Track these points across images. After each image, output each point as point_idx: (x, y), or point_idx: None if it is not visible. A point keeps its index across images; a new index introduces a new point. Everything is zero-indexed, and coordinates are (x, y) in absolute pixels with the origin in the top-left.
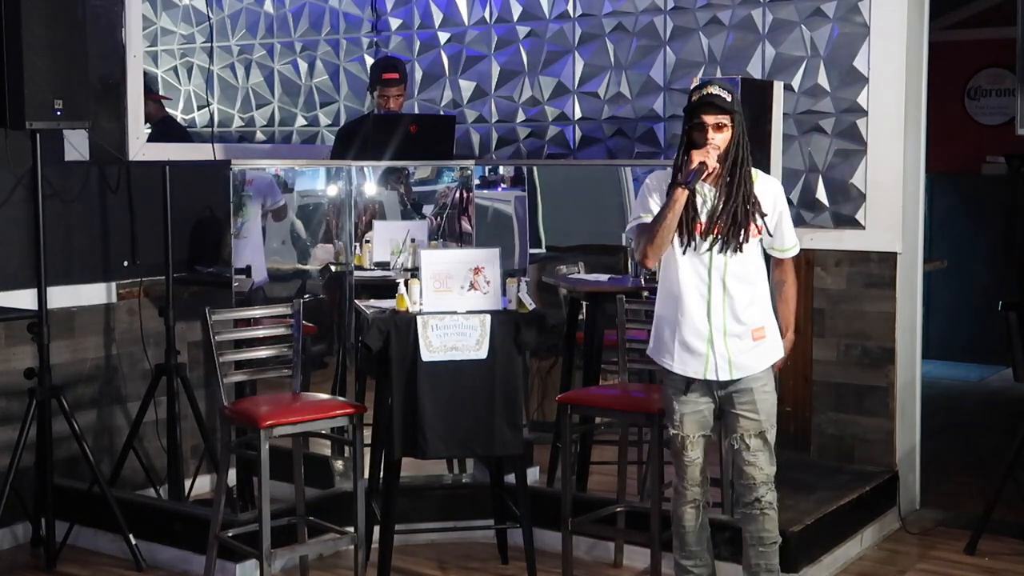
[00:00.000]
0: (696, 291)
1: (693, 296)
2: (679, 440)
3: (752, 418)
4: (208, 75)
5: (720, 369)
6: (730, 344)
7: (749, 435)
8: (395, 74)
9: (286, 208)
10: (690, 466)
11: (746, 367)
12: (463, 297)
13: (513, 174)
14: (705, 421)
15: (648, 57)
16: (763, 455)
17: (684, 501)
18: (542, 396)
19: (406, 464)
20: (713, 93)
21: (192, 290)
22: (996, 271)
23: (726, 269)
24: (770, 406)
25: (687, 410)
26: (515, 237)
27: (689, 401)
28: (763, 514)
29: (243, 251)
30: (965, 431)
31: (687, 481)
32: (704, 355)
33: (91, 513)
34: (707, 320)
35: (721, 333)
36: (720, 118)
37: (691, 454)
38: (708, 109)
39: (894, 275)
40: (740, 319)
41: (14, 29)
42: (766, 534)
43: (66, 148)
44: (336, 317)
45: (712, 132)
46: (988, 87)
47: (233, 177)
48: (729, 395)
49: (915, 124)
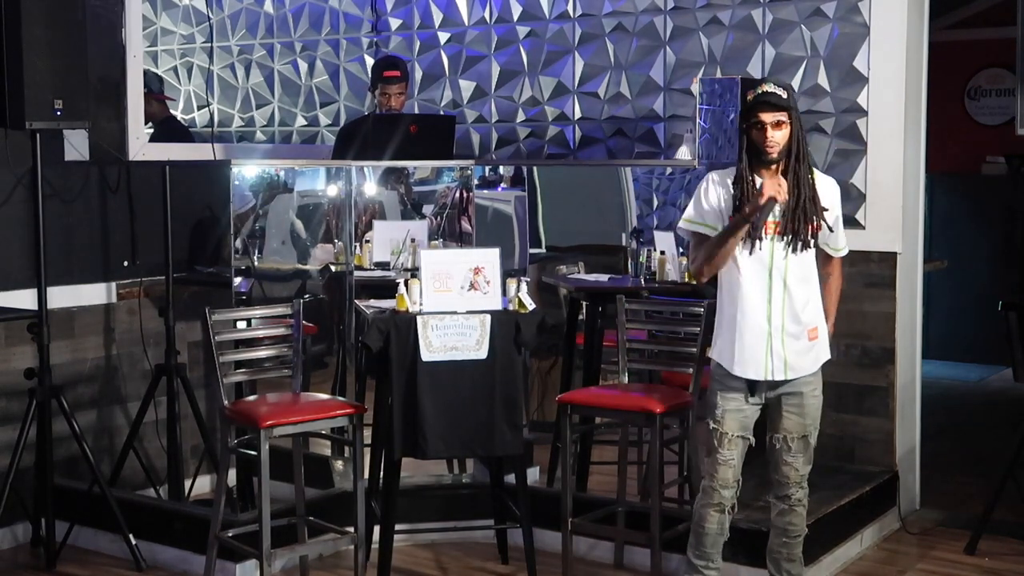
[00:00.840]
0: (758, 291)
1: (754, 296)
2: (717, 436)
3: (798, 421)
4: (208, 75)
5: (776, 370)
6: (787, 345)
7: (792, 437)
8: (396, 71)
9: None
10: (723, 465)
11: (801, 368)
12: (463, 297)
13: (513, 174)
14: (747, 422)
15: (648, 57)
16: (802, 457)
17: (710, 503)
18: (542, 396)
19: (406, 464)
20: (768, 91)
21: (192, 290)
22: (996, 271)
23: (787, 268)
24: (816, 410)
25: (730, 407)
26: (515, 237)
27: (736, 399)
28: (792, 510)
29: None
30: (965, 431)
31: (717, 481)
32: (763, 356)
33: (91, 513)
34: (767, 321)
35: (780, 333)
36: (778, 115)
37: (726, 452)
38: (765, 107)
39: (894, 275)
40: (799, 319)
41: (14, 29)
42: (792, 527)
43: (66, 148)
44: (336, 317)
45: (771, 130)
46: (988, 87)
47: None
48: (779, 396)
49: (915, 124)
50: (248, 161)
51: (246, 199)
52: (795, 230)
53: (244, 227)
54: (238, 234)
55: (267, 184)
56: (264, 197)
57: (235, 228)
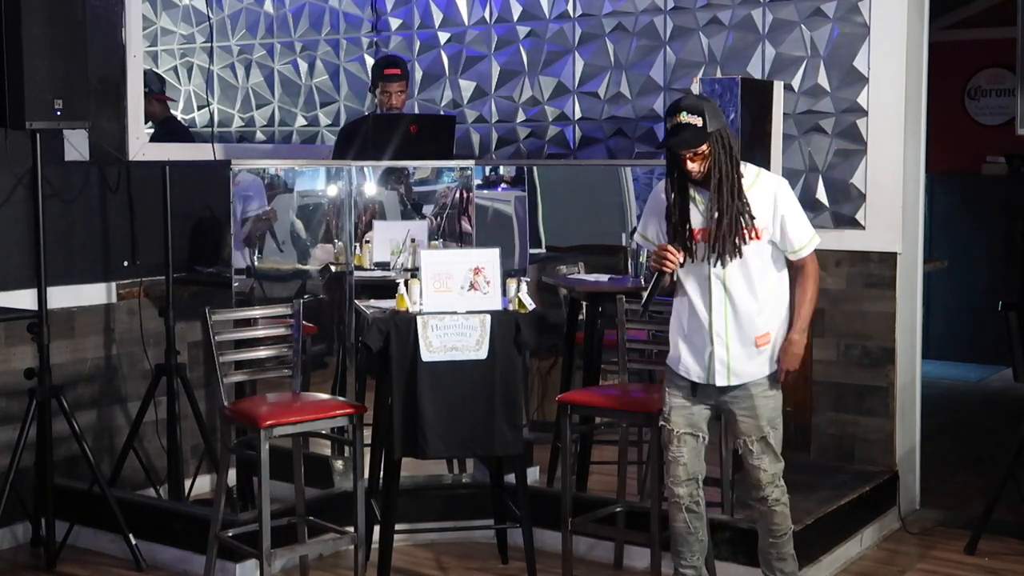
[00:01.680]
0: (698, 298)
1: (696, 301)
2: (666, 433)
3: (753, 423)
4: (208, 75)
5: (718, 374)
6: (732, 351)
7: (751, 439)
8: (396, 69)
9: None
10: (673, 463)
11: (746, 374)
12: (463, 297)
13: (514, 174)
14: (693, 420)
15: (648, 57)
16: (766, 457)
17: (670, 502)
18: (542, 396)
19: (406, 464)
20: (681, 123)
21: (192, 290)
22: (996, 271)
23: (726, 276)
24: (771, 410)
25: (676, 403)
26: (515, 237)
27: (680, 396)
28: (772, 510)
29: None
30: (965, 431)
31: (671, 478)
32: (705, 360)
33: (91, 513)
34: (709, 326)
35: (722, 340)
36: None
37: (675, 450)
38: (678, 147)
39: (894, 275)
40: (742, 325)
41: (14, 29)
42: (775, 527)
43: (66, 148)
44: (336, 317)
45: (689, 162)
46: (988, 87)
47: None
48: (730, 400)
49: (915, 124)
50: (248, 161)
51: (253, 200)
52: (722, 248)
53: (246, 227)
54: (251, 233)
55: (267, 184)
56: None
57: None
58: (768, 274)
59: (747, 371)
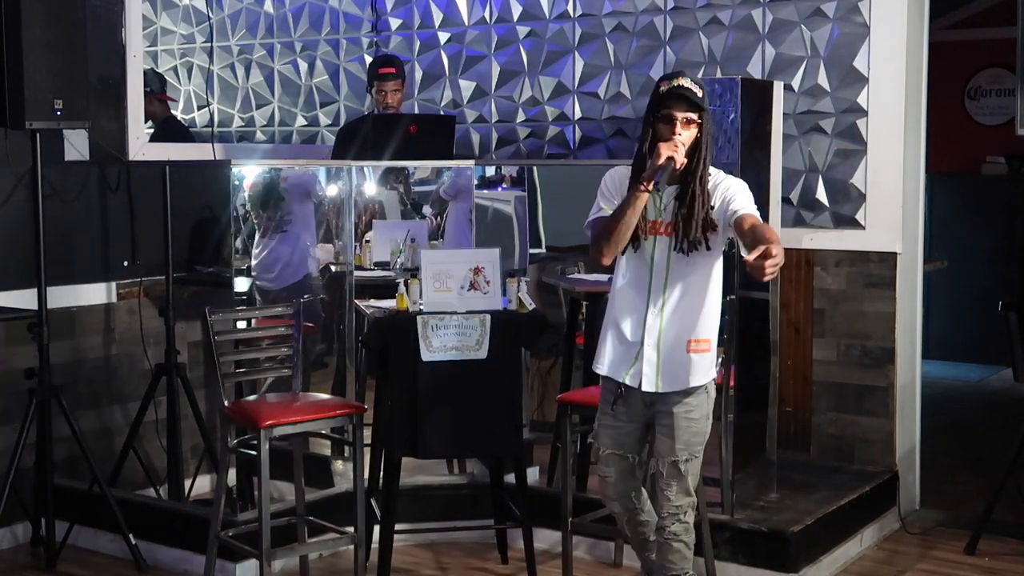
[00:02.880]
0: (635, 291)
1: (631, 296)
2: (597, 453)
3: (668, 444)
4: (208, 75)
5: (646, 377)
6: (662, 351)
7: (663, 462)
8: (391, 68)
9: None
10: (603, 481)
11: (676, 381)
12: (463, 297)
13: (516, 174)
14: (622, 440)
15: (648, 57)
16: (675, 485)
17: (621, 522)
18: (542, 396)
19: (406, 464)
20: (684, 85)
21: (192, 290)
22: (996, 271)
23: (669, 271)
24: (692, 435)
25: (606, 422)
26: (515, 237)
27: (611, 415)
28: (668, 544)
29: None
30: (965, 431)
31: (604, 496)
32: (632, 359)
33: (91, 513)
34: (642, 323)
35: (654, 338)
36: (689, 113)
37: (603, 469)
38: (678, 102)
39: (894, 275)
40: (678, 325)
41: (14, 29)
42: (669, 565)
43: (66, 148)
44: (336, 317)
45: (680, 127)
46: (988, 87)
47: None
48: (655, 414)
49: (915, 124)
50: (248, 161)
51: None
52: (679, 236)
53: (244, 227)
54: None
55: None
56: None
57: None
58: (708, 280)
59: (679, 378)
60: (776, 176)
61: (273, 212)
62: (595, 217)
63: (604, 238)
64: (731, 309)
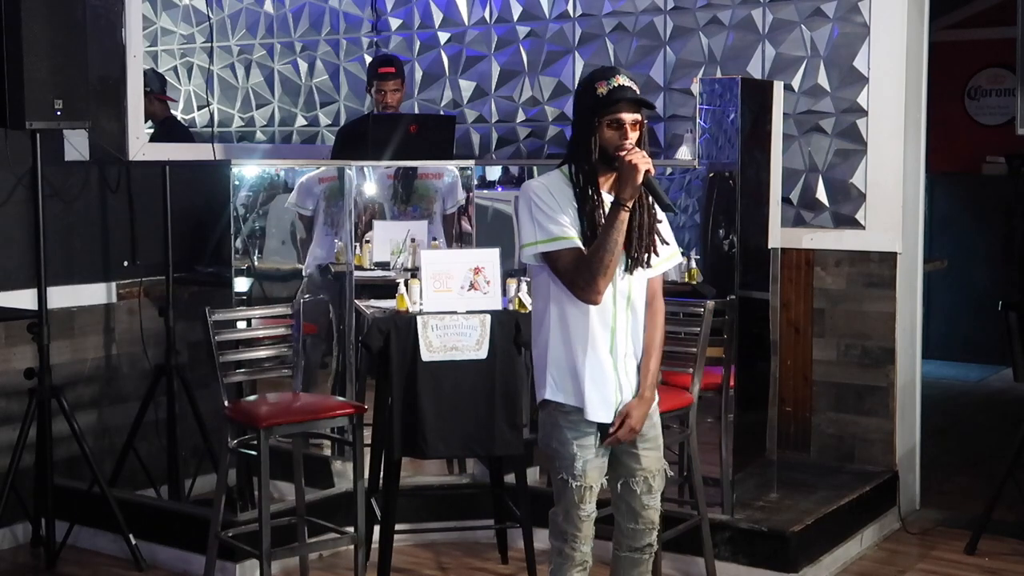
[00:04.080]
0: (600, 322)
1: (597, 329)
2: (580, 491)
3: (655, 456)
4: (208, 75)
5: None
6: (628, 382)
7: (652, 475)
8: (391, 68)
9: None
10: (586, 521)
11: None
12: (463, 297)
13: (518, 174)
14: (604, 468)
15: (648, 57)
16: (657, 497)
17: (573, 565)
18: None
19: (406, 464)
20: (625, 85)
21: (192, 290)
22: (996, 271)
23: (631, 291)
24: (661, 439)
25: (590, 456)
26: (515, 237)
27: (593, 449)
28: (650, 558)
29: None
30: (965, 431)
31: (580, 540)
32: (613, 393)
33: (91, 513)
34: (611, 352)
35: (624, 364)
36: (637, 116)
37: (587, 507)
38: (628, 105)
39: (894, 275)
40: (635, 347)
41: (14, 29)
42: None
43: (66, 148)
44: (336, 317)
45: (630, 131)
46: (988, 87)
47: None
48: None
49: (915, 124)
50: (248, 161)
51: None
52: (641, 249)
53: (244, 227)
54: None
55: (267, 184)
56: (264, 197)
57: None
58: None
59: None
60: (776, 176)
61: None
62: (564, 248)
63: (599, 273)
64: (731, 309)
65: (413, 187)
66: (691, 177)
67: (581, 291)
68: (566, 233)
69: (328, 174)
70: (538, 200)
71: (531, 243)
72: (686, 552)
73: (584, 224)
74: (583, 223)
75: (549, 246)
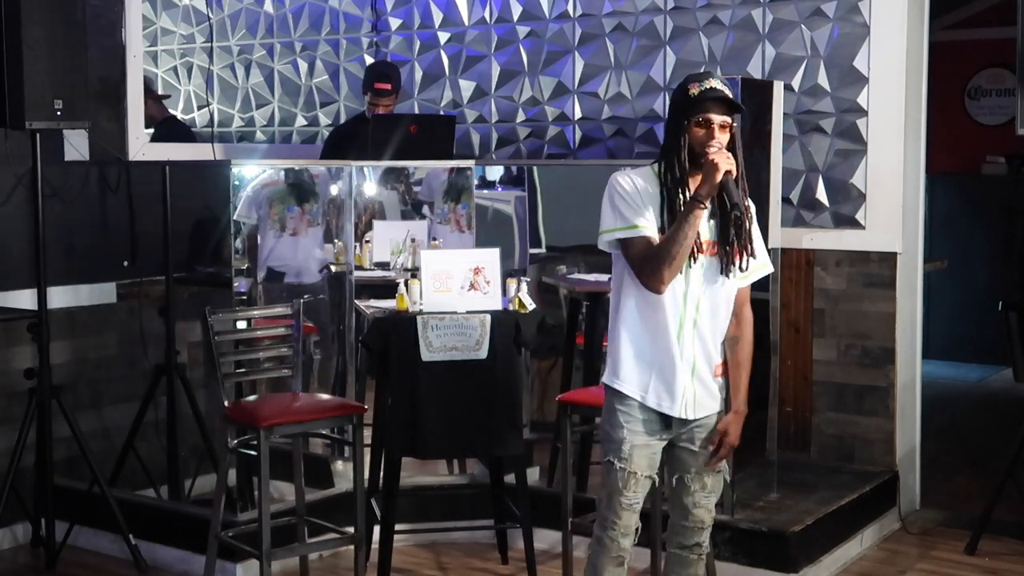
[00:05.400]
0: (672, 318)
1: (668, 324)
2: (624, 476)
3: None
4: (208, 75)
5: (687, 407)
6: (698, 379)
7: (707, 473)
8: (387, 85)
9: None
10: (626, 511)
11: (707, 407)
12: (463, 297)
13: (516, 174)
14: (655, 460)
15: (648, 57)
16: (715, 497)
17: (608, 555)
18: (542, 396)
19: (406, 464)
20: (717, 88)
21: (192, 290)
22: (996, 271)
23: (702, 297)
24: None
25: (639, 442)
26: (515, 237)
27: (644, 434)
28: (700, 559)
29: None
30: (965, 431)
31: (619, 529)
32: (674, 389)
33: (91, 513)
34: (679, 351)
35: (690, 368)
36: (726, 117)
37: (632, 496)
38: (714, 105)
39: (894, 275)
40: (709, 352)
41: (14, 29)
42: None
43: (66, 148)
44: (336, 317)
45: (719, 132)
46: (988, 87)
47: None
48: (690, 430)
49: (915, 124)
50: (248, 161)
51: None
52: (732, 254)
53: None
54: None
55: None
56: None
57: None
58: (731, 301)
59: (708, 404)
60: (776, 176)
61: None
62: (638, 236)
63: (666, 263)
64: None
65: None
66: None
67: (647, 279)
68: (642, 223)
69: (270, 179)
70: (621, 191)
71: (609, 230)
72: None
73: (664, 220)
74: (664, 219)
75: (625, 233)
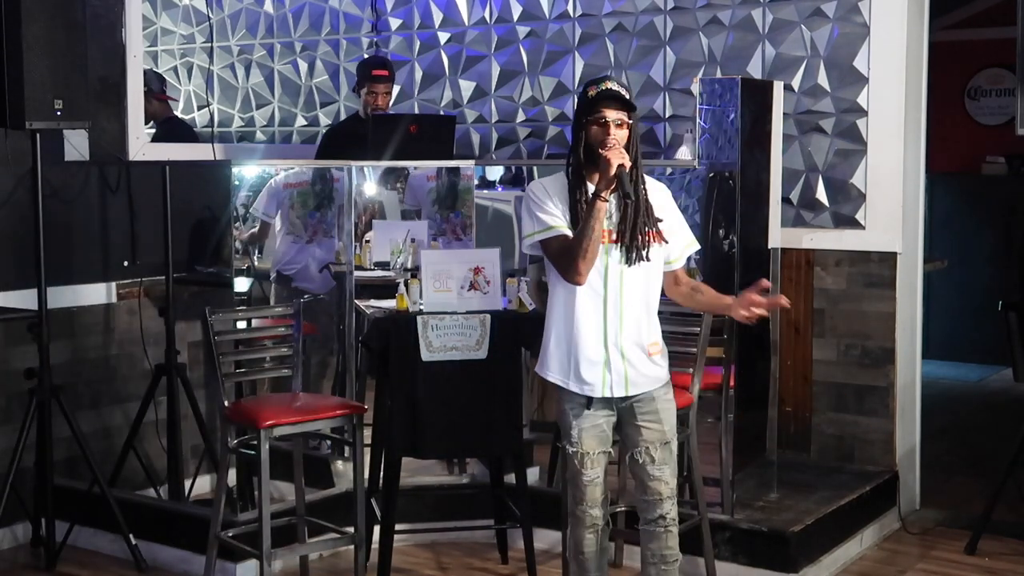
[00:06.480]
0: (592, 305)
1: (588, 311)
2: (578, 458)
3: (655, 428)
4: (208, 75)
5: (616, 385)
6: (627, 360)
7: (654, 447)
8: (385, 71)
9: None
10: (589, 486)
11: (642, 384)
12: (463, 297)
13: (515, 173)
14: (605, 436)
15: (648, 57)
16: (668, 468)
17: (583, 526)
18: (542, 396)
19: (406, 464)
20: (613, 88)
21: (192, 290)
22: (996, 271)
23: (622, 282)
24: (672, 416)
25: (586, 424)
26: (515, 237)
27: (588, 415)
28: (667, 531)
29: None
30: (965, 431)
31: (587, 503)
32: (600, 373)
33: (91, 513)
34: (603, 336)
35: (617, 349)
36: (621, 114)
37: (590, 473)
38: (611, 104)
39: (894, 275)
40: (639, 333)
41: (14, 29)
42: (668, 552)
43: (66, 148)
44: (336, 317)
45: (613, 129)
46: (988, 87)
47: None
48: (630, 406)
49: (915, 124)
50: (248, 161)
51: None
52: (631, 241)
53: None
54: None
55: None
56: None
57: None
58: (656, 284)
59: (643, 381)
60: (776, 176)
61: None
62: (553, 236)
63: (579, 256)
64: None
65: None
66: (691, 177)
67: (566, 272)
68: (556, 223)
69: (296, 179)
70: (534, 197)
71: (529, 234)
72: (686, 552)
73: (573, 216)
74: (573, 215)
75: (542, 235)
